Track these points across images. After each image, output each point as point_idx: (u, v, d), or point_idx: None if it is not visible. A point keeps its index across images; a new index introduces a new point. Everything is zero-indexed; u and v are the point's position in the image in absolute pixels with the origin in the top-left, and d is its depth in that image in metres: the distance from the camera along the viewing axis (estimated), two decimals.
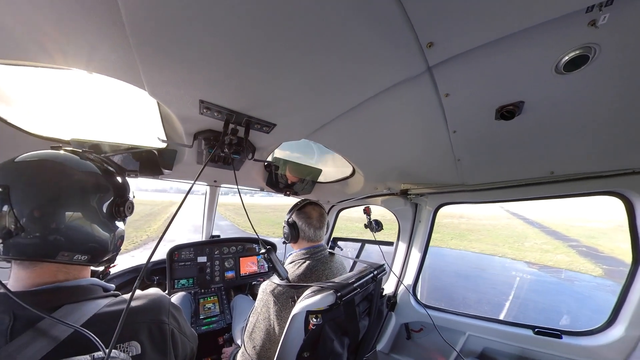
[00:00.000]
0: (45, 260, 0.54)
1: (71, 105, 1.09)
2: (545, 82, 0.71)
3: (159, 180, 1.53)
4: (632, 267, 1.23)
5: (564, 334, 1.35)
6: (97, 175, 0.61)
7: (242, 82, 0.70)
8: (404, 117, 0.96)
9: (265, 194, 0.86)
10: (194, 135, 1.01)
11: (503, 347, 1.49)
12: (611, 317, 1.28)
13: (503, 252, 15.06)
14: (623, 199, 1.23)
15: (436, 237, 18.62)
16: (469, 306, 7.13)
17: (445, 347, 1.63)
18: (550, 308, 7.45)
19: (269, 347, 1.00)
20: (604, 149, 1.00)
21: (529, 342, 1.41)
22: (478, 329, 1.57)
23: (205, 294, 1.92)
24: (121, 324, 0.45)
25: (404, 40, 0.58)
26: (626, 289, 1.24)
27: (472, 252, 15.02)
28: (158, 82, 0.69)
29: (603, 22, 0.54)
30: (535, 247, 16.02)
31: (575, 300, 8.36)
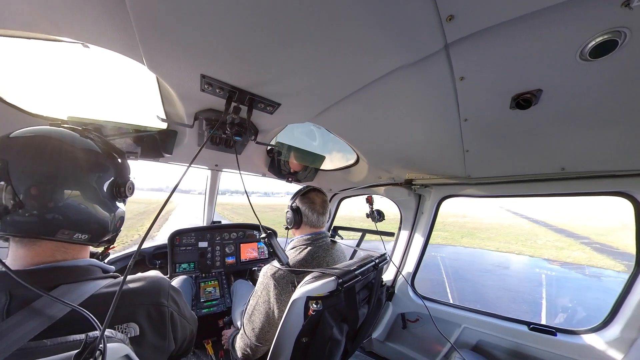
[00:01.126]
0: (45, 238, 0.53)
1: (68, 83, 1.05)
2: (568, 69, 0.66)
3: (155, 180, 1.51)
4: (634, 269, 1.22)
5: (559, 332, 1.36)
6: (97, 153, 0.59)
7: (246, 56, 0.65)
8: (414, 101, 0.92)
9: (262, 194, 0.84)
10: (195, 115, 0.97)
11: (498, 340, 1.51)
12: (608, 318, 1.28)
13: (518, 249, 15.22)
14: (632, 201, 1.20)
15: (446, 235, 19.03)
16: (505, 307, 6.84)
17: (439, 337, 1.65)
18: (597, 307, 7.07)
19: (267, 329, 1.01)
20: (620, 146, 0.96)
21: (523, 337, 1.42)
22: (473, 322, 1.59)
23: (206, 278, 1.94)
24: (115, 302, 0.44)
25: (424, 11, 0.53)
26: (626, 291, 1.23)
27: (488, 249, 15.18)
28: (157, 54, 0.65)
29: (638, 4, 0.48)
30: (549, 244, 16.15)
31: (614, 297, 8.38)
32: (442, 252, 14.02)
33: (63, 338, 0.42)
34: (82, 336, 0.42)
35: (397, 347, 1.93)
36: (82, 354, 0.37)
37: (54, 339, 0.42)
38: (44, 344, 0.41)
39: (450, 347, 1.63)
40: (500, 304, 7.10)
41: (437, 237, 18.21)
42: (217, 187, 2.14)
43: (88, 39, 0.65)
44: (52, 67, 0.92)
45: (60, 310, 0.47)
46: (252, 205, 1.03)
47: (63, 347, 0.41)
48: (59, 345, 0.41)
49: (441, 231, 20.48)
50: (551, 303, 7.34)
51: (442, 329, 1.63)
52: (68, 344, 0.41)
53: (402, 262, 1.95)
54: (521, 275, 10.63)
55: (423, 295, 1.82)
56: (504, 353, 1.49)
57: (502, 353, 1.50)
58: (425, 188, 1.79)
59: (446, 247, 15.33)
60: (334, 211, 2.43)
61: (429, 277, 8.99)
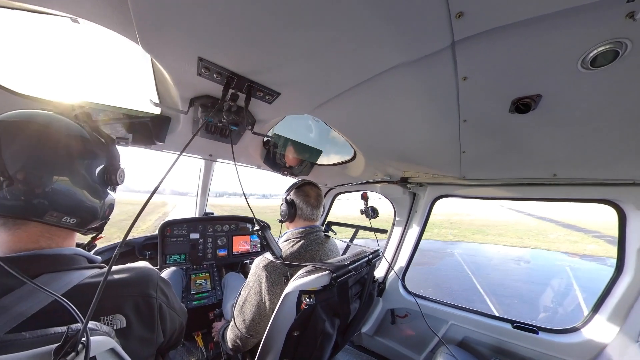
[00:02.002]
0: (33, 220, 0.51)
1: (57, 62, 1.00)
2: (569, 77, 0.67)
3: (152, 183, 1.46)
4: (614, 274, 1.27)
5: (541, 330, 1.42)
6: (87, 140, 0.58)
7: (247, 41, 0.63)
8: (416, 99, 0.91)
9: (261, 196, 0.82)
10: (190, 101, 0.93)
11: (482, 337, 1.56)
12: (587, 318, 1.34)
13: (532, 244, 15.44)
14: (617, 209, 1.25)
15: (456, 232, 19.31)
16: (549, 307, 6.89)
17: (427, 333, 1.70)
18: None
19: (258, 321, 1.01)
20: (610, 156, 0.99)
21: (507, 335, 1.47)
22: (460, 319, 1.64)
23: (197, 270, 1.92)
24: (99, 292, 0.42)
25: (435, 5, 0.52)
26: (605, 294, 1.28)
27: (503, 245, 15.38)
28: (153, 34, 0.61)
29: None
30: (561, 238, 16.59)
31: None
32: (457, 248, 14.16)
33: (43, 330, 0.40)
34: (63, 328, 0.40)
35: (386, 341, 1.97)
36: (62, 348, 0.35)
37: (33, 332, 0.39)
38: (22, 337, 0.38)
39: (437, 342, 1.68)
40: (536, 298, 7.17)
41: (449, 235, 18.37)
42: (210, 177, 2.10)
43: (77, 13, 0.60)
44: (39, 44, 0.86)
45: (41, 300, 0.45)
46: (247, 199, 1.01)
47: (42, 340, 0.38)
48: (38, 338, 0.39)
49: (450, 229, 20.77)
50: (589, 293, 7.37)
51: (430, 324, 1.68)
52: (48, 337, 0.39)
53: (394, 259, 1.98)
54: (545, 269, 10.74)
55: (412, 292, 1.86)
56: (488, 349, 1.55)
57: (486, 349, 1.56)
58: (420, 187, 1.80)
59: (460, 244, 15.55)
60: (328, 206, 2.44)
61: (453, 274, 8.98)
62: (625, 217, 1.24)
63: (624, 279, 1.22)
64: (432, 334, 1.67)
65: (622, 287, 1.21)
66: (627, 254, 1.23)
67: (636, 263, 1.18)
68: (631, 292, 1.18)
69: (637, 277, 1.17)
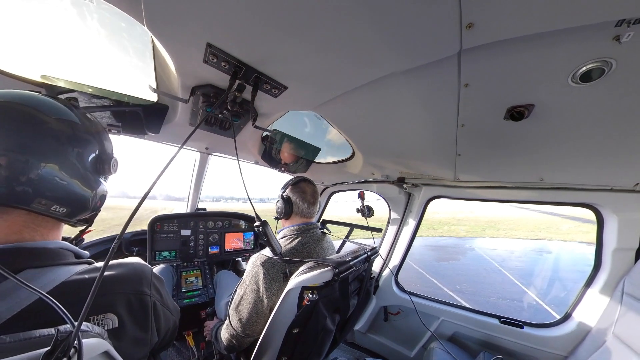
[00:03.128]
0: (18, 207, 0.47)
1: (46, 37, 0.92)
2: (560, 89, 0.73)
3: (142, 188, 1.40)
4: (592, 271, 1.37)
5: (526, 325, 1.50)
6: (77, 124, 0.54)
7: (259, 30, 0.61)
8: (418, 103, 0.94)
9: (258, 200, 0.80)
10: (192, 89, 0.88)
11: (471, 332, 1.63)
12: (567, 313, 1.43)
13: (547, 236, 15.95)
14: (596, 212, 1.35)
15: (467, 228, 19.76)
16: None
17: (418, 329, 1.75)
18: None
19: (255, 320, 0.99)
20: (591, 164, 1.08)
21: (494, 329, 1.55)
22: (450, 315, 1.70)
23: (188, 268, 1.87)
24: (93, 293, 0.38)
25: (447, 15, 0.54)
26: (584, 290, 1.38)
27: (518, 238, 15.64)
28: (162, 14, 0.58)
29: (626, 40, 0.56)
30: (574, 229, 17.40)
31: None
32: (474, 244, 14.25)
33: (26, 333, 0.35)
34: (50, 331, 0.36)
35: (378, 338, 2.01)
36: (52, 353, 0.31)
37: (15, 335, 0.35)
38: (2, 340, 0.34)
39: (429, 337, 1.73)
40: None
41: (460, 231, 18.63)
42: (205, 171, 2.05)
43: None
44: (28, 18, 0.79)
45: (24, 299, 0.41)
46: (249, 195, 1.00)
47: (26, 345, 0.35)
48: (22, 342, 0.35)
49: (459, 225, 21.22)
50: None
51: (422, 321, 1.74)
52: (33, 341, 0.35)
53: (388, 257, 2.02)
54: (569, 257, 11.04)
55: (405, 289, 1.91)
56: (477, 344, 1.62)
57: (475, 344, 1.63)
58: (416, 187, 1.85)
59: (474, 239, 15.76)
60: (324, 204, 2.45)
61: (479, 269, 9.07)
62: (602, 220, 1.33)
63: (601, 276, 1.32)
64: (424, 329, 1.72)
65: (599, 284, 1.31)
66: (604, 254, 1.33)
67: (612, 262, 1.28)
68: (607, 288, 1.28)
69: (613, 274, 1.27)
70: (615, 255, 1.27)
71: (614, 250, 1.27)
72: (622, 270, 1.24)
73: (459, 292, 7.31)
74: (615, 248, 1.27)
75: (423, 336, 1.78)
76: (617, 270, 1.26)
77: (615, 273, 1.26)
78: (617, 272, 1.26)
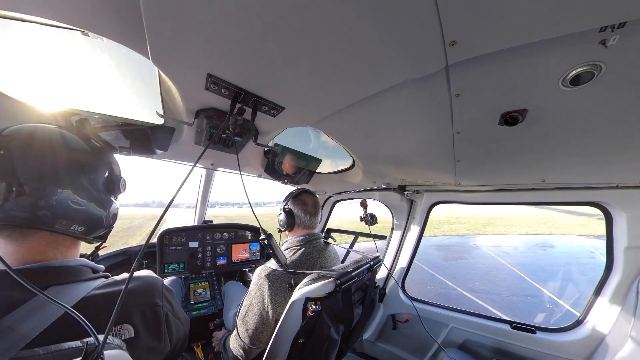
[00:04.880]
0: (42, 229, 0.53)
1: (59, 70, 1.00)
2: (551, 94, 0.74)
3: (140, 196, 1.46)
4: (604, 272, 1.33)
5: (538, 330, 1.45)
6: (89, 152, 0.61)
7: (255, 60, 0.67)
8: (412, 114, 0.97)
9: (254, 204, 0.84)
10: (196, 113, 0.96)
11: (482, 339, 1.59)
12: (581, 316, 1.39)
13: (547, 231, 16.11)
14: (604, 211, 1.32)
15: (468, 226, 20.03)
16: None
17: (428, 338, 1.72)
18: None
19: (261, 330, 1.01)
20: (593, 162, 1.07)
21: (506, 335, 1.51)
22: (460, 322, 1.66)
23: (196, 279, 1.91)
24: (118, 307, 0.42)
25: (429, 35, 0.57)
26: (597, 291, 1.34)
27: (518, 234, 15.88)
28: (165, 49, 0.64)
29: (612, 43, 0.57)
30: (571, 223, 17.60)
31: None
32: (477, 241, 14.39)
33: (57, 346, 0.38)
34: (77, 343, 0.40)
35: (388, 347, 1.98)
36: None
37: (47, 347, 0.38)
38: (36, 353, 0.37)
39: (437, 347, 1.70)
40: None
41: (461, 229, 18.90)
42: (210, 186, 2.12)
43: (90, 27, 0.62)
44: (43, 53, 0.88)
45: (51, 314, 0.45)
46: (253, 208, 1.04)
47: (57, 356, 0.38)
48: (53, 354, 0.38)
49: (459, 223, 21.61)
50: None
51: (430, 329, 1.70)
52: (63, 353, 0.38)
53: (394, 265, 2.01)
54: (571, 251, 11.22)
55: (413, 296, 1.88)
56: (489, 351, 1.58)
57: (487, 351, 1.58)
58: (417, 194, 1.85)
59: (477, 237, 15.92)
60: (327, 214, 2.46)
61: (491, 266, 9.28)
62: (611, 219, 1.30)
63: (613, 277, 1.28)
64: (433, 339, 1.69)
65: (612, 285, 1.27)
66: (615, 253, 1.29)
67: (624, 261, 1.24)
68: (621, 290, 1.24)
69: (626, 274, 1.23)
70: (627, 254, 1.23)
71: (625, 248, 1.24)
72: (635, 269, 1.20)
73: (472, 291, 7.26)
74: (626, 247, 1.23)
75: (433, 345, 1.74)
76: (630, 269, 1.22)
77: (628, 273, 1.22)
78: (630, 272, 1.22)
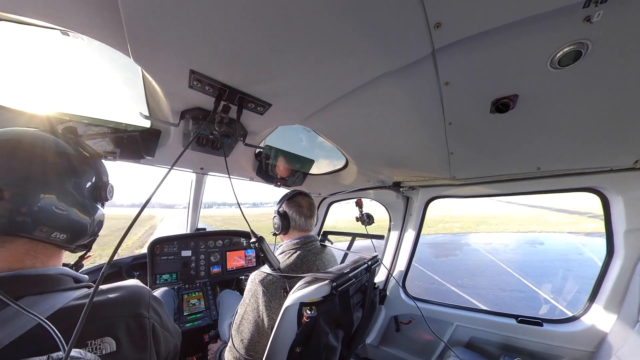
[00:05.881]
0: (20, 236, 0.50)
1: (41, 72, 0.97)
2: (540, 76, 0.73)
3: (137, 196, 1.41)
4: (606, 258, 1.31)
5: (545, 322, 1.42)
6: (75, 157, 0.58)
7: (238, 54, 0.64)
8: (402, 105, 0.94)
9: (251, 205, 0.80)
10: (181, 113, 0.92)
11: (489, 335, 1.54)
12: (587, 305, 1.36)
13: (538, 229, 16.58)
14: (600, 196, 1.31)
15: (461, 225, 20.39)
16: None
17: (433, 338, 1.67)
18: None
19: (257, 340, 0.96)
20: (587, 146, 1.05)
21: (512, 330, 1.47)
22: (465, 320, 1.62)
23: (190, 290, 1.83)
24: (83, 317, 0.40)
25: (413, 18, 0.56)
26: (600, 279, 1.31)
27: (510, 232, 16.35)
28: (145, 46, 0.61)
29: (597, 19, 0.56)
30: (562, 221, 18.23)
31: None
32: (469, 239, 14.72)
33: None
34: (43, 358, 0.36)
35: (392, 350, 1.92)
36: None
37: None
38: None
39: (444, 345, 1.65)
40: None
41: (455, 228, 19.35)
42: (202, 191, 2.06)
43: (69, 26, 0.60)
44: (23, 54, 0.84)
45: (22, 325, 0.42)
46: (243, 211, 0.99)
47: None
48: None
49: (453, 222, 22.05)
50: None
51: (435, 328, 1.65)
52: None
53: (393, 264, 1.96)
54: (560, 247, 11.51)
55: (414, 296, 1.84)
56: (496, 347, 1.53)
57: (494, 347, 1.54)
58: (413, 190, 1.83)
59: (469, 235, 16.25)
60: (323, 215, 2.42)
61: (479, 262, 9.66)
62: (608, 203, 1.29)
63: (616, 262, 1.26)
64: (439, 338, 1.64)
65: (615, 271, 1.24)
66: (615, 238, 1.27)
67: (624, 245, 1.22)
68: (624, 274, 1.21)
69: (628, 258, 1.21)
70: (627, 238, 1.21)
71: (625, 232, 1.22)
72: (636, 252, 1.18)
73: (460, 286, 7.49)
74: (625, 230, 1.21)
75: (438, 345, 1.69)
76: (631, 253, 1.20)
77: (630, 256, 1.20)
78: (632, 256, 1.19)
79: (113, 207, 69.39)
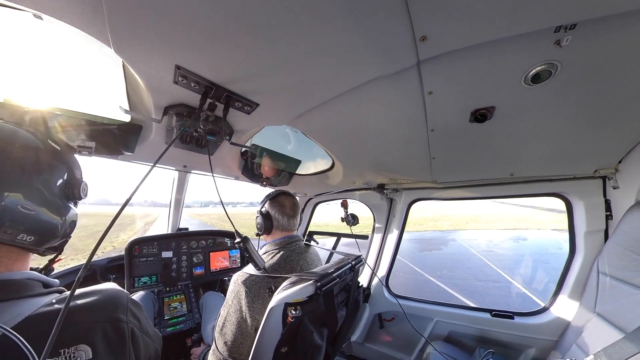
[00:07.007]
0: None
1: (10, 60, 0.88)
2: (515, 91, 0.80)
3: (128, 192, 1.33)
4: (568, 257, 1.44)
5: (516, 315, 1.54)
6: (42, 150, 0.53)
7: (226, 50, 0.62)
8: (388, 111, 0.98)
9: (247, 204, 0.78)
10: (165, 109, 0.88)
11: (466, 329, 1.64)
12: (552, 299, 1.49)
13: (524, 226, 17.47)
14: (565, 200, 1.44)
15: (451, 222, 21.19)
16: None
17: (415, 333, 1.74)
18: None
19: (241, 341, 0.95)
20: (554, 156, 1.16)
21: (487, 324, 1.57)
22: (444, 315, 1.71)
23: (171, 292, 1.76)
24: (57, 327, 0.37)
25: (400, 31, 0.59)
26: (564, 275, 1.45)
27: (498, 229, 17.05)
28: (128, 37, 0.58)
29: (566, 43, 0.63)
30: (549, 219, 19.25)
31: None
32: (457, 235, 15.28)
33: None
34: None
35: (376, 347, 1.97)
36: None
37: None
38: None
39: (424, 341, 1.73)
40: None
41: (445, 225, 19.99)
42: (184, 190, 1.99)
43: (42, 8, 0.54)
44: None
45: None
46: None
47: None
48: None
49: (444, 220, 22.97)
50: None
51: (416, 324, 1.72)
52: None
53: (377, 264, 2.02)
54: (542, 243, 12.25)
55: (397, 294, 1.90)
56: (472, 340, 1.63)
57: (471, 340, 1.64)
58: (397, 192, 1.89)
59: (458, 232, 16.84)
60: (309, 216, 2.43)
61: (462, 255, 10.12)
62: (571, 207, 1.43)
63: (577, 259, 1.39)
64: (419, 333, 1.72)
65: (576, 267, 1.37)
66: (577, 238, 1.40)
67: (584, 245, 1.36)
68: (584, 271, 1.34)
69: (587, 256, 1.34)
70: (586, 239, 1.34)
71: (584, 233, 1.35)
72: (594, 251, 1.31)
73: (439, 277, 7.84)
74: (585, 231, 1.34)
75: (420, 340, 1.77)
76: (590, 252, 1.33)
77: (589, 255, 1.33)
78: (590, 254, 1.33)
79: (108, 205, 64.18)
